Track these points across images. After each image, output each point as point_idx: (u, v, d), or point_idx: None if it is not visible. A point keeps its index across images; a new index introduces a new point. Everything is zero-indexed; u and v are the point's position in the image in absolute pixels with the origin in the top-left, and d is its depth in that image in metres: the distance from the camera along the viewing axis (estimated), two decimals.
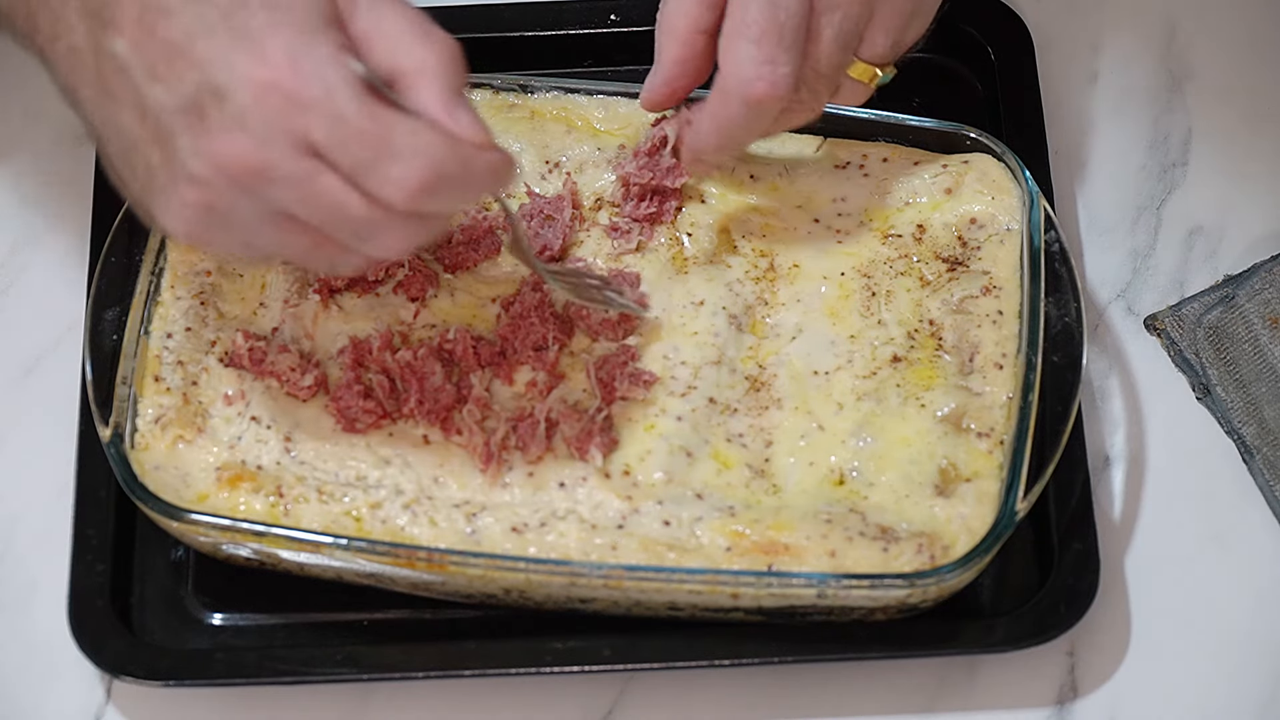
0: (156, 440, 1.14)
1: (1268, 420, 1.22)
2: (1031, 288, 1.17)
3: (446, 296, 1.20)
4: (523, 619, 1.16)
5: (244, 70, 0.96)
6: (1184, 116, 1.33)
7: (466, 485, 1.14)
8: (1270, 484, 1.21)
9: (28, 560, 1.20)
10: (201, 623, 1.17)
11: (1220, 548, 1.20)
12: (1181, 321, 1.25)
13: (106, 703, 1.17)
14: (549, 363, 1.17)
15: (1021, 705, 1.17)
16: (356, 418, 1.15)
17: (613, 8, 1.33)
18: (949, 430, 1.15)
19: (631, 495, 1.13)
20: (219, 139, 0.97)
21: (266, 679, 1.14)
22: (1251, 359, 1.23)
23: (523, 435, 1.14)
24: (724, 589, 1.10)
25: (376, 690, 1.17)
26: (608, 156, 1.24)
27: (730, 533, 1.12)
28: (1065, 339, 1.17)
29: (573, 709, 1.17)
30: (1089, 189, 1.31)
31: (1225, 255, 1.28)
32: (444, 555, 1.10)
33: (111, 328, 1.17)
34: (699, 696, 1.17)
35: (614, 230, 1.22)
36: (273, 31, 0.97)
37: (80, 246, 1.26)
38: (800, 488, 1.14)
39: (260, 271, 1.20)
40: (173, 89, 0.97)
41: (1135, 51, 1.35)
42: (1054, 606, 1.15)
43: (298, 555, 1.12)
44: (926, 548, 1.11)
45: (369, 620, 1.17)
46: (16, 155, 1.32)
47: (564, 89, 1.26)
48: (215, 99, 0.97)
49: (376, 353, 1.16)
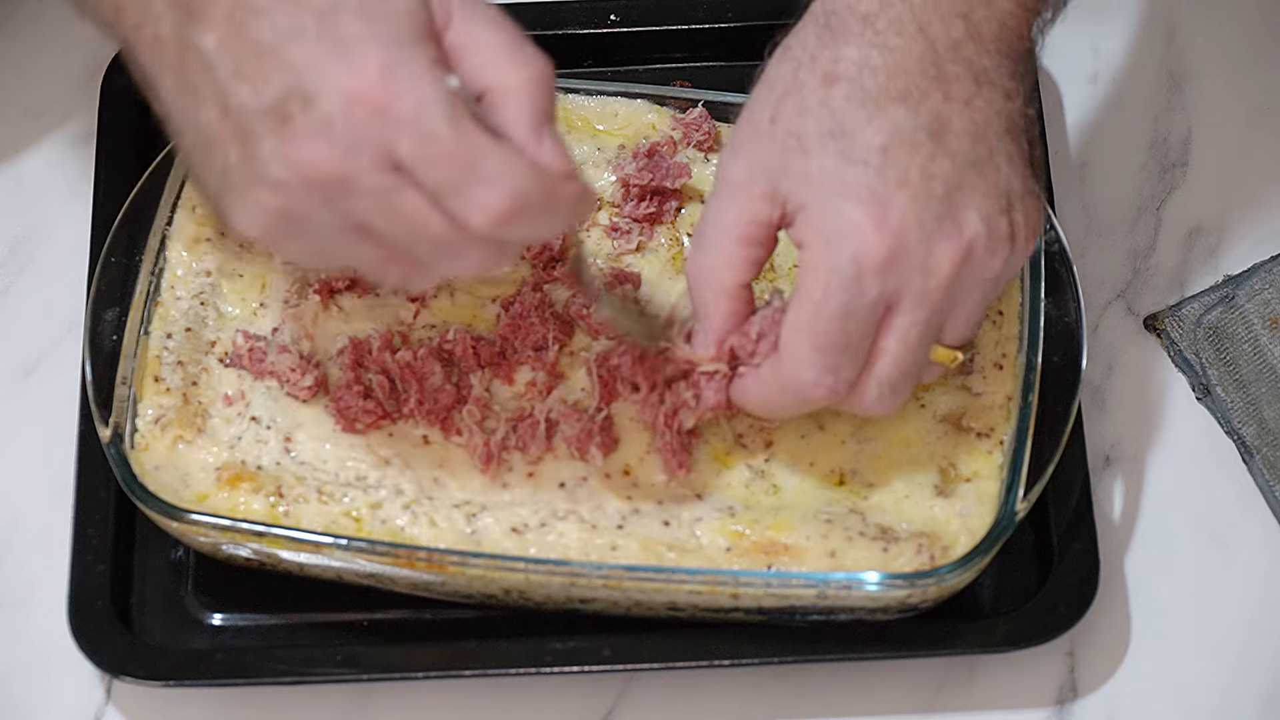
0: (156, 440, 1.14)
1: (1268, 420, 1.22)
2: (1031, 288, 1.17)
3: (446, 297, 1.20)
4: (523, 619, 1.16)
5: (334, 78, 0.94)
6: (1184, 116, 1.33)
7: (466, 485, 1.14)
8: (1270, 484, 1.21)
9: (28, 560, 1.20)
10: (201, 623, 1.17)
11: (1220, 548, 1.20)
12: (1181, 321, 1.25)
13: (106, 703, 1.17)
14: (549, 363, 1.17)
15: (1021, 705, 1.17)
16: (356, 418, 1.15)
17: (613, 8, 1.32)
18: (949, 430, 1.15)
19: (631, 495, 1.13)
20: (303, 144, 0.95)
21: (266, 679, 1.14)
22: (1251, 359, 1.23)
23: (523, 435, 1.14)
24: (724, 589, 1.10)
25: (376, 690, 1.17)
26: (608, 157, 1.24)
27: (730, 533, 1.12)
28: (1065, 339, 1.17)
29: (573, 709, 1.17)
30: (1089, 189, 1.31)
31: (1225, 255, 1.28)
32: (444, 555, 1.10)
33: (111, 328, 1.17)
34: (699, 696, 1.17)
35: (614, 230, 1.22)
36: (367, 41, 0.95)
37: (80, 246, 1.26)
38: (800, 488, 1.14)
39: (260, 271, 1.20)
40: (259, 90, 0.95)
41: (1135, 51, 1.35)
42: (1054, 606, 1.15)
43: (298, 555, 1.12)
44: (926, 548, 1.11)
45: (369, 620, 1.17)
46: (17, 155, 1.32)
47: (564, 89, 1.25)
48: (302, 104, 0.95)
49: (376, 353, 1.16)
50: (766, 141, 1.06)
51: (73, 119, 1.33)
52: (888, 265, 1.03)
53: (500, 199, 0.96)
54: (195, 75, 0.97)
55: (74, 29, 1.06)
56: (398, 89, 0.94)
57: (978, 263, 1.05)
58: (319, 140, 0.95)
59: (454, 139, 0.95)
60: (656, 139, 1.24)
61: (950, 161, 1.04)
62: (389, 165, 0.95)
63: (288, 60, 0.95)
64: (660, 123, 1.25)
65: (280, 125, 0.95)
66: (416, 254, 0.99)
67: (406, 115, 0.94)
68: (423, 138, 0.95)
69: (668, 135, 1.24)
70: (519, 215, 0.96)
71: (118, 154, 1.27)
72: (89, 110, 1.30)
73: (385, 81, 0.94)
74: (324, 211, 0.97)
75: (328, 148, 0.95)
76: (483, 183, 0.95)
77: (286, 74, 0.95)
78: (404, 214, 0.97)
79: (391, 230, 0.98)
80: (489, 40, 0.98)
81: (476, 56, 0.98)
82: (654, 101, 1.26)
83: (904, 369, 1.06)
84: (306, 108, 0.95)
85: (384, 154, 0.95)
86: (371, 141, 0.95)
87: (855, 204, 1.03)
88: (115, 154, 1.27)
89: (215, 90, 0.97)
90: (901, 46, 1.05)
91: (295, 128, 0.95)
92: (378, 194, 0.96)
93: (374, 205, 0.96)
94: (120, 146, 1.27)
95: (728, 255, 1.07)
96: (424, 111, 0.94)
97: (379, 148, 0.95)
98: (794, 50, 1.07)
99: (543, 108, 0.98)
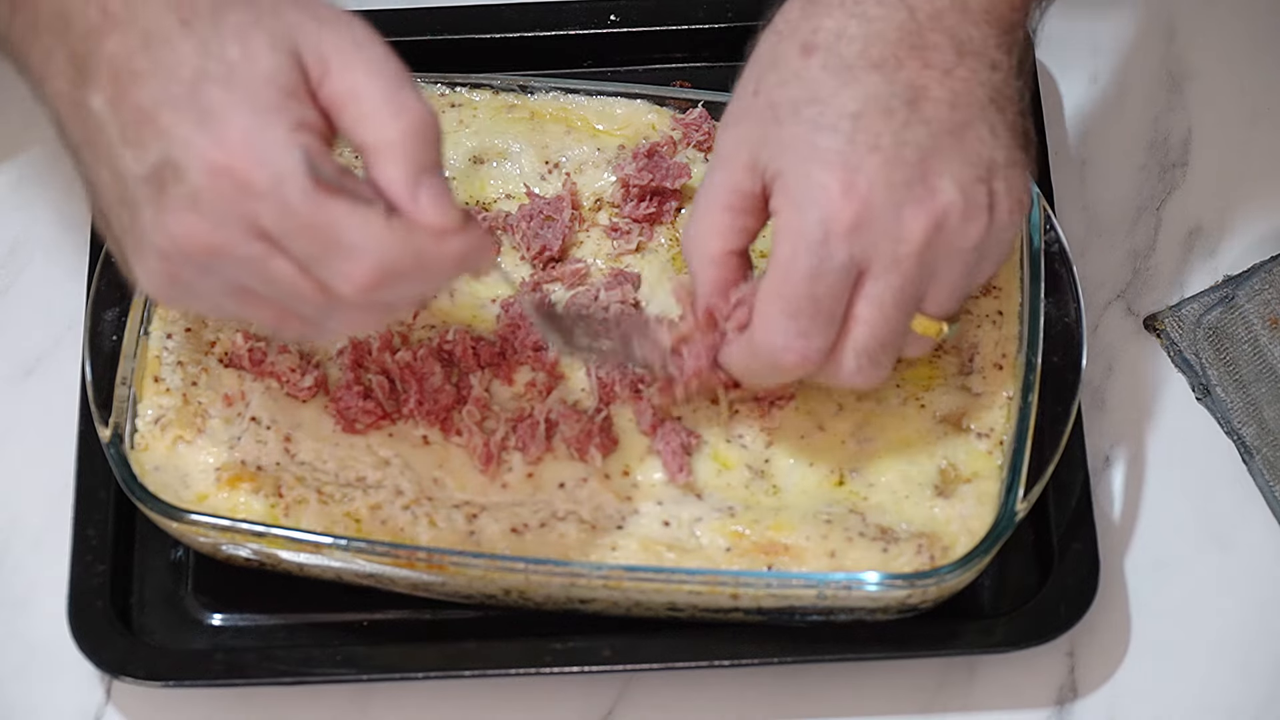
0: (156, 441, 1.14)
1: (1268, 420, 1.22)
2: (1031, 288, 1.17)
3: (446, 297, 1.20)
4: (523, 619, 1.15)
5: (199, 150, 0.94)
6: (1184, 116, 1.33)
7: (466, 486, 1.14)
8: (1270, 484, 1.21)
9: (28, 560, 1.20)
10: (201, 623, 1.17)
11: (1220, 548, 1.20)
12: (1181, 321, 1.25)
13: (106, 703, 1.17)
14: (549, 363, 1.17)
15: (1021, 705, 1.17)
16: (356, 418, 1.15)
17: (613, 8, 1.32)
18: (949, 430, 1.15)
19: (631, 496, 1.13)
20: (175, 217, 0.95)
21: (266, 679, 1.14)
22: (1251, 359, 1.23)
23: (522, 436, 1.14)
24: (724, 589, 1.10)
25: (376, 690, 1.17)
26: (607, 157, 1.24)
27: (730, 533, 1.12)
28: (1065, 339, 1.17)
29: (573, 709, 1.17)
30: (1089, 189, 1.31)
31: (1225, 255, 1.28)
32: (444, 556, 1.10)
33: (111, 328, 1.17)
34: (699, 697, 1.17)
35: (614, 231, 1.22)
36: (230, 110, 0.94)
37: (80, 246, 1.26)
38: (800, 488, 1.14)
39: None
40: (139, 157, 0.96)
41: (1135, 51, 1.35)
42: (1054, 607, 1.15)
43: (297, 556, 1.12)
44: (926, 548, 1.11)
45: (369, 620, 1.17)
46: (17, 155, 1.32)
47: (564, 89, 1.26)
48: (174, 174, 0.95)
49: (376, 353, 1.16)
50: (751, 113, 1.07)
51: None
52: (855, 229, 1.03)
53: (363, 269, 0.95)
54: (92, 134, 0.98)
55: None
56: (256, 161, 0.94)
57: (953, 231, 1.04)
58: (189, 214, 0.95)
59: (311, 210, 0.94)
60: (656, 139, 1.24)
61: (925, 128, 1.04)
62: (256, 235, 0.95)
63: (161, 127, 0.95)
64: (660, 123, 1.25)
65: (157, 195, 0.96)
66: (304, 314, 0.99)
67: (264, 188, 0.94)
68: (281, 210, 0.94)
69: (668, 135, 1.24)
70: (387, 281, 0.96)
71: None
72: None
73: (246, 153, 0.94)
74: (206, 278, 0.97)
75: (197, 220, 0.95)
76: (343, 254, 0.95)
77: (161, 141, 0.95)
78: (277, 281, 0.97)
79: (272, 293, 0.98)
80: (367, 90, 0.96)
81: (354, 108, 0.96)
82: (654, 101, 1.26)
83: (880, 338, 1.06)
84: (177, 178, 0.95)
85: (249, 225, 0.95)
86: (236, 213, 0.95)
87: (824, 169, 1.03)
88: None
89: (107, 153, 0.97)
90: (882, 16, 1.05)
91: (168, 199, 0.95)
92: (250, 262, 0.96)
93: (249, 272, 0.97)
94: None
95: (713, 222, 1.08)
96: (281, 184, 0.94)
97: (243, 219, 0.95)
98: (778, 25, 1.08)
99: (420, 161, 0.96)
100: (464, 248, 0.97)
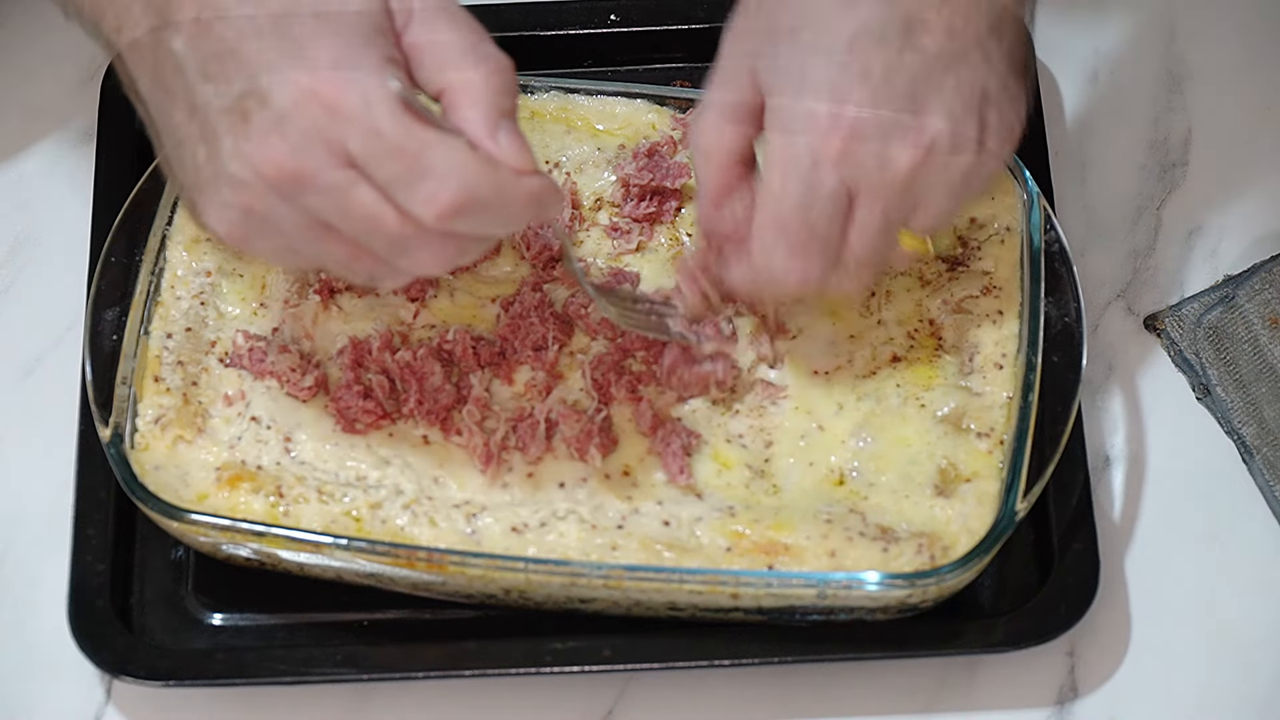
0: (156, 440, 1.14)
1: (1268, 420, 1.22)
2: (1031, 288, 1.17)
3: (446, 297, 1.20)
4: (523, 619, 1.16)
5: (287, 76, 0.96)
6: (1184, 116, 1.33)
7: (466, 485, 1.14)
8: (1270, 484, 1.21)
9: (28, 560, 1.20)
10: (201, 623, 1.17)
11: (1220, 548, 1.20)
12: (1181, 321, 1.25)
13: (106, 703, 1.17)
14: (548, 363, 1.17)
15: (1021, 705, 1.17)
16: (356, 418, 1.15)
17: (613, 8, 1.33)
18: (949, 430, 1.15)
19: (631, 495, 1.13)
20: (258, 142, 0.97)
21: (266, 679, 1.14)
22: (1251, 359, 1.23)
23: (522, 436, 1.14)
24: (724, 589, 1.10)
25: (376, 690, 1.17)
26: (607, 157, 1.24)
27: (730, 533, 1.12)
28: (1065, 339, 1.17)
29: (573, 709, 1.17)
30: (1089, 189, 1.31)
31: (1225, 255, 1.28)
32: (444, 555, 1.10)
33: (111, 328, 1.17)
34: (699, 696, 1.17)
35: (614, 230, 1.22)
36: (320, 39, 0.97)
37: (80, 246, 1.26)
38: (800, 488, 1.14)
39: (261, 271, 1.20)
40: (220, 89, 0.98)
41: (1135, 51, 1.35)
42: (1054, 606, 1.15)
43: (297, 555, 1.12)
44: (926, 548, 1.11)
45: (369, 620, 1.17)
46: (17, 155, 1.32)
47: (564, 89, 1.26)
48: (259, 102, 0.97)
49: (376, 353, 1.16)
50: (752, 28, 1.08)
51: (73, 119, 1.33)
52: (843, 157, 1.04)
53: (447, 192, 0.97)
54: (168, 76, 0.99)
55: (74, 29, 1.06)
56: (345, 85, 0.96)
57: (940, 161, 1.05)
58: (274, 137, 0.97)
59: (399, 134, 0.96)
60: (656, 139, 1.24)
61: (919, 57, 1.04)
62: (342, 161, 0.97)
63: (246, 59, 0.97)
64: (660, 123, 1.25)
65: (239, 123, 0.97)
66: (377, 249, 1.00)
67: (354, 111, 0.96)
68: (369, 133, 0.96)
69: (668, 135, 1.24)
70: (468, 209, 0.98)
71: (117, 154, 1.27)
72: (89, 110, 1.30)
73: (334, 78, 0.96)
74: (284, 209, 0.99)
75: (282, 145, 0.97)
76: (430, 177, 0.97)
77: (244, 72, 0.97)
78: (358, 209, 0.98)
79: (349, 226, 0.99)
80: (449, 39, 0.99)
81: (436, 55, 1.00)
82: (654, 101, 1.26)
83: (864, 259, 1.08)
84: (262, 105, 0.97)
85: (336, 150, 0.97)
86: (323, 137, 0.96)
87: (815, 96, 1.04)
88: (115, 154, 1.27)
89: (185, 90, 0.99)
90: None
91: (252, 126, 0.97)
92: (332, 190, 0.98)
93: (330, 201, 0.98)
94: (120, 146, 1.27)
95: (712, 123, 1.09)
96: (370, 107, 0.96)
97: (331, 144, 0.97)
98: None
99: (499, 104, 0.99)
100: (540, 188, 1.00)
